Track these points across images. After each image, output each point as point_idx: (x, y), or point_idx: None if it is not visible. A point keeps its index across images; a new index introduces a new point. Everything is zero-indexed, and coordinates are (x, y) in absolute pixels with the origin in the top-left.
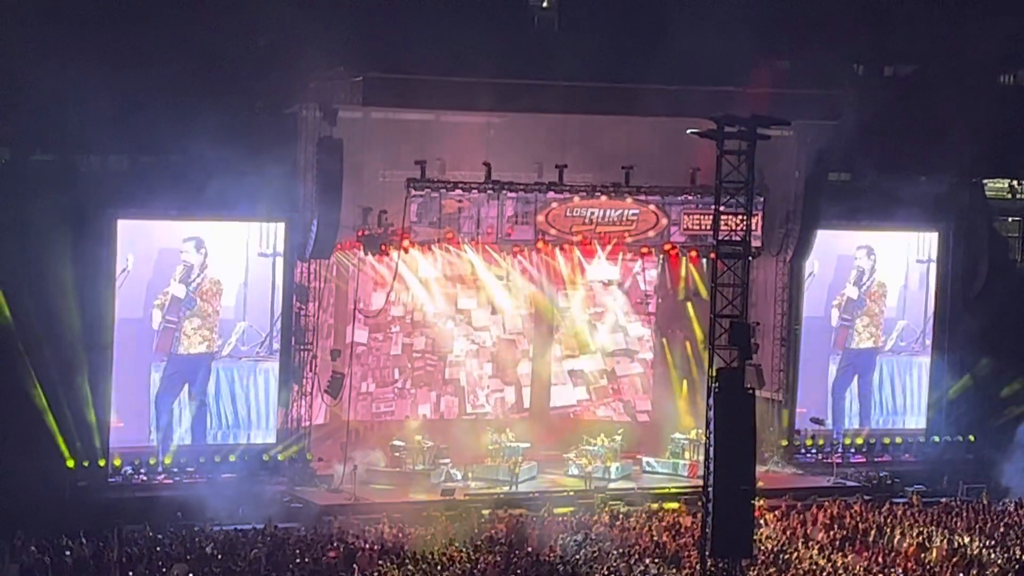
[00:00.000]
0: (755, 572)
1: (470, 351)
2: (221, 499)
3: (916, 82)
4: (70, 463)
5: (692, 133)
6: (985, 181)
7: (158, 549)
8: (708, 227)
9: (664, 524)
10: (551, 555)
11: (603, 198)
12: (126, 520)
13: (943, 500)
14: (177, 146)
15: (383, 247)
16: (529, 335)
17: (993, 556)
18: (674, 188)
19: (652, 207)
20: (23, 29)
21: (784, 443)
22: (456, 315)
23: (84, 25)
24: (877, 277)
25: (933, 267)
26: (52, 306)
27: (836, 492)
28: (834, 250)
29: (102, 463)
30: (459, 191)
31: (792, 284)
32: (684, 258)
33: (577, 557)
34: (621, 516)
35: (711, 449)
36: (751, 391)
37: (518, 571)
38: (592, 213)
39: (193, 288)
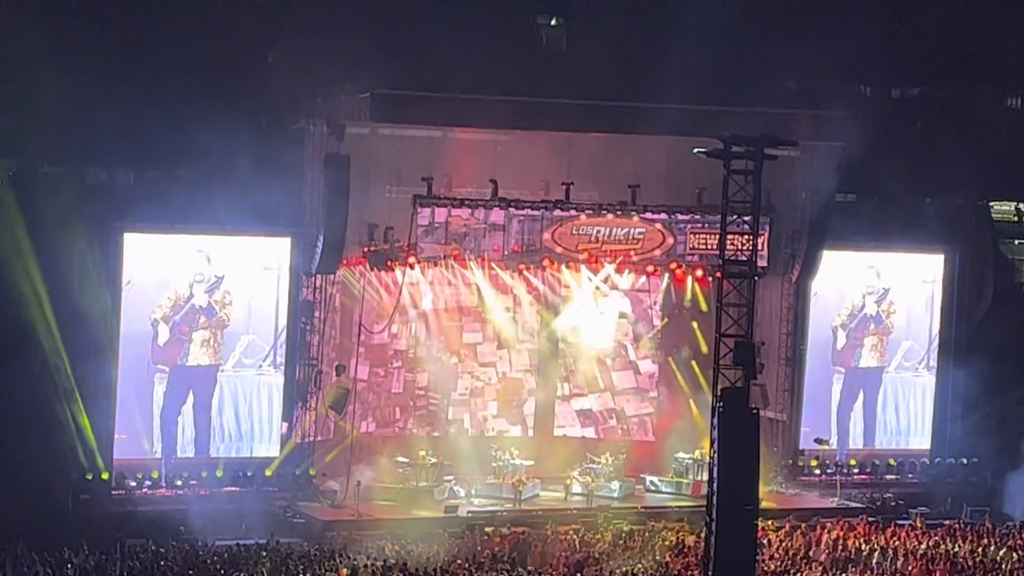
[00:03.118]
0: None
1: (475, 388)
2: (224, 513)
3: (923, 104)
4: (88, 476)
5: (699, 152)
6: (991, 203)
7: (161, 563)
8: (714, 246)
9: (667, 543)
10: (554, 573)
11: (609, 216)
12: (128, 534)
13: (947, 522)
14: (184, 160)
15: (389, 263)
16: (536, 372)
17: None
18: (681, 207)
19: (658, 226)
20: (31, 42)
21: (788, 463)
22: (461, 350)
23: (91, 38)
24: (890, 296)
25: (938, 288)
26: (57, 319)
27: (840, 513)
28: (840, 271)
29: (105, 476)
30: (465, 208)
31: (798, 304)
32: (690, 277)
33: None
34: (624, 535)
35: (715, 469)
36: (755, 411)
37: None
38: (598, 231)
39: (215, 299)
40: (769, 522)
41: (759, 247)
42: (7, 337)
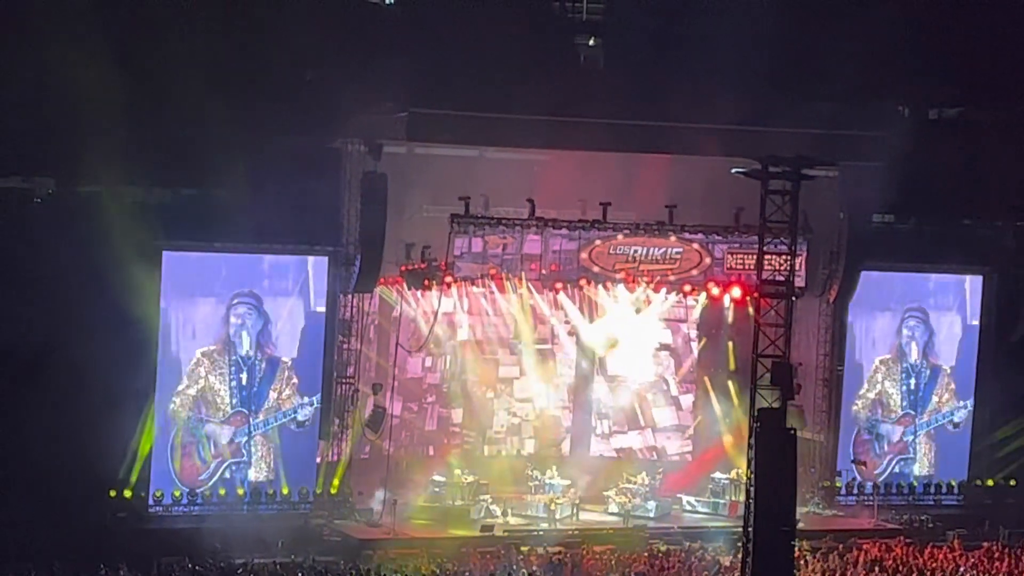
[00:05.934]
0: None
1: (511, 425)
2: (260, 531)
3: (961, 125)
4: (111, 493)
5: (737, 172)
6: None
7: None
8: (752, 266)
9: (703, 564)
10: None
11: (647, 236)
12: (165, 552)
13: (984, 545)
14: (221, 179)
15: (426, 282)
16: (574, 407)
17: None
18: (718, 227)
19: (696, 246)
20: (66, 61)
21: (825, 484)
22: (497, 384)
23: (128, 58)
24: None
25: (977, 311)
26: (96, 335)
27: (877, 534)
28: (877, 292)
29: (142, 494)
30: (502, 227)
31: (835, 325)
32: (727, 296)
33: None
34: (660, 555)
35: (752, 489)
36: (793, 432)
37: None
38: (635, 251)
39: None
40: (805, 543)
41: (797, 267)
42: (46, 353)
